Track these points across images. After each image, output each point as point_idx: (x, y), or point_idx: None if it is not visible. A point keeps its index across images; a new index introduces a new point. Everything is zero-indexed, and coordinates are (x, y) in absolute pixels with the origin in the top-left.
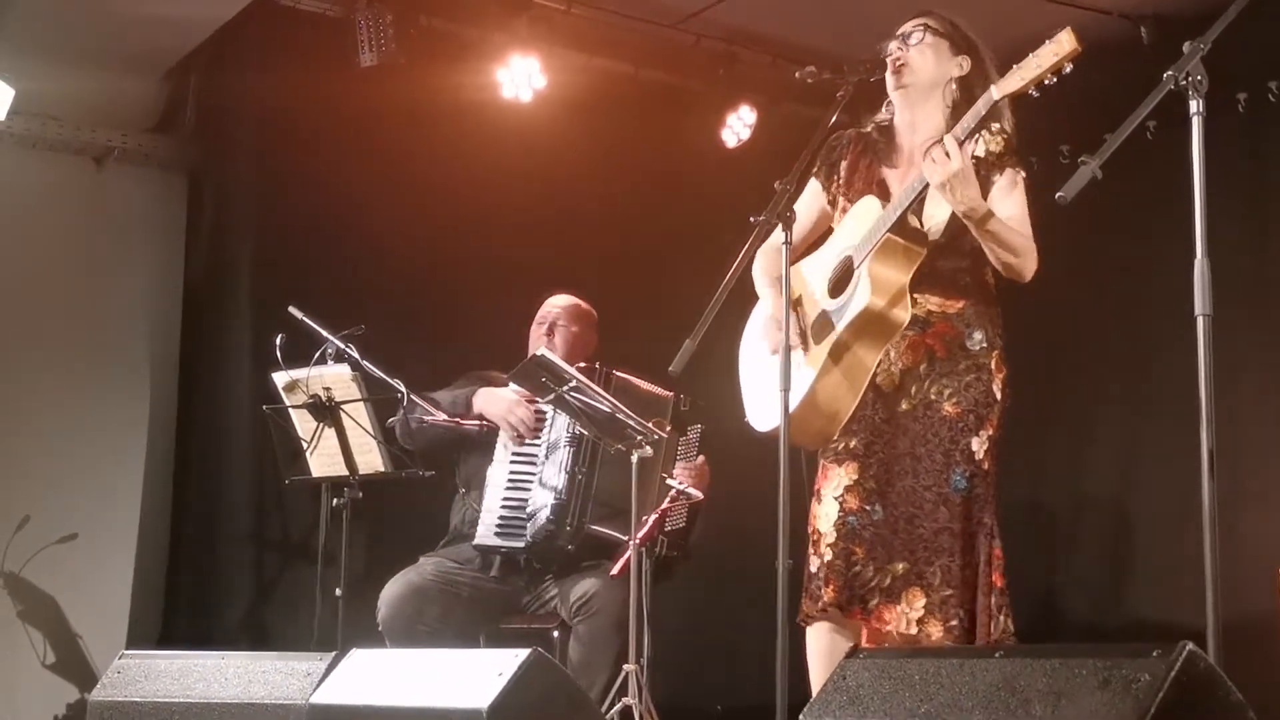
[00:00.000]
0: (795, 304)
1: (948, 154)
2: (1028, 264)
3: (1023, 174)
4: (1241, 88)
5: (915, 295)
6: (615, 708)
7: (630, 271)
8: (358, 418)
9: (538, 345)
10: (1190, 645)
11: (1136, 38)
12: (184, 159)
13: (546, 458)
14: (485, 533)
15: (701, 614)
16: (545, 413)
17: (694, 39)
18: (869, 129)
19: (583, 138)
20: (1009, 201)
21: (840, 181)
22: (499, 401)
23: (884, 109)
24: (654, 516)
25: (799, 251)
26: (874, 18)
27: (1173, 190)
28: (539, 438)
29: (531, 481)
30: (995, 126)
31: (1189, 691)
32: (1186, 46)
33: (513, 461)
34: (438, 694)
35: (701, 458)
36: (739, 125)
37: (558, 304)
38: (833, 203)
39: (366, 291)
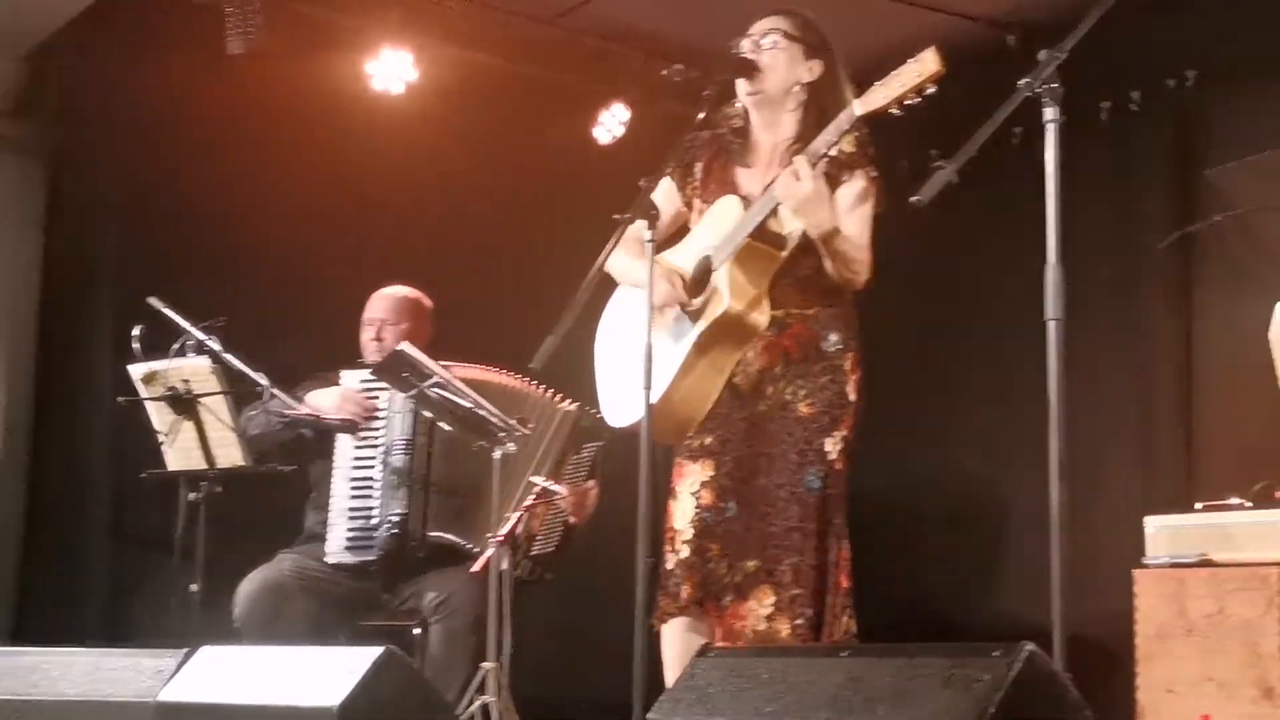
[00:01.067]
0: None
1: (798, 176)
2: (862, 277)
3: (874, 174)
4: (1105, 96)
5: (773, 296)
6: (473, 706)
7: (500, 267)
8: (217, 411)
9: (369, 349)
10: (1031, 646)
11: (1005, 44)
12: (44, 144)
13: (385, 463)
14: (336, 548)
15: (566, 611)
16: (381, 407)
17: (568, 35)
18: (724, 130)
19: (455, 132)
20: (855, 216)
21: (695, 182)
22: (327, 397)
23: (736, 107)
24: (516, 515)
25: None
26: (750, 16)
27: (1036, 196)
28: (379, 421)
29: (375, 487)
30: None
31: (1028, 691)
32: (1042, 55)
33: (354, 467)
34: (288, 692)
35: (592, 482)
36: (612, 122)
37: (381, 304)
38: (688, 204)
39: (232, 284)
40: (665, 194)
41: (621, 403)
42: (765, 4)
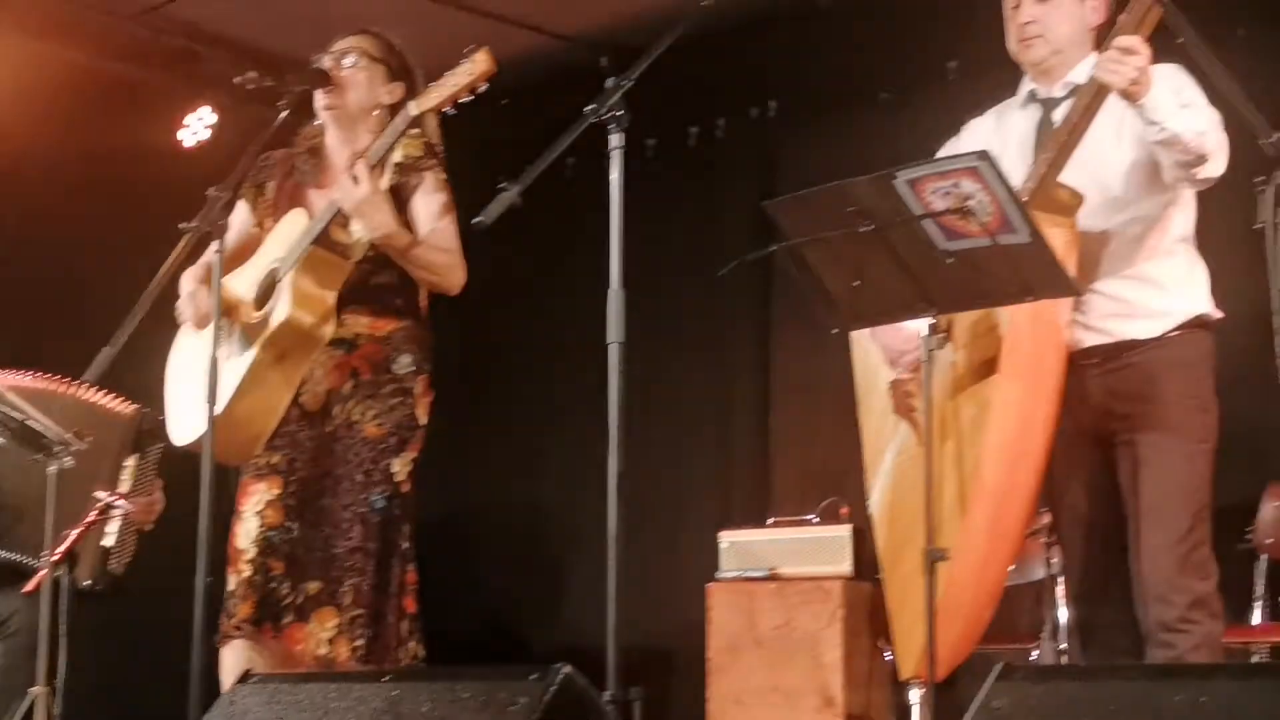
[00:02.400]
0: (225, 315)
1: (356, 179)
2: (452, 279)
3: (441, 174)
4: (694, 122)
5: (345, 316)
6: None
7: (62, 273)
8: None
9: None
10: (567, 668)
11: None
12: None
13: None
14: None
15: (126, 632)
16: None
17: (152, 33)
18: (299, 150)
19: (25, 127)
20: (434, 216)
21: (268, 202)
22: None
23: (315, 125)
24: (77, 531)
25: (228, 269)
26: (341, 24)
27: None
28: None
29: None
30: (414, 131)
31: (564, 713)
32: (609, 83)
33: None
34: None
35: (159, 483)
36: (198, 125)
37: None
38: (260, 223)
39: None
40: (239, 213)
41: (186, 420)
42: (353, 19)
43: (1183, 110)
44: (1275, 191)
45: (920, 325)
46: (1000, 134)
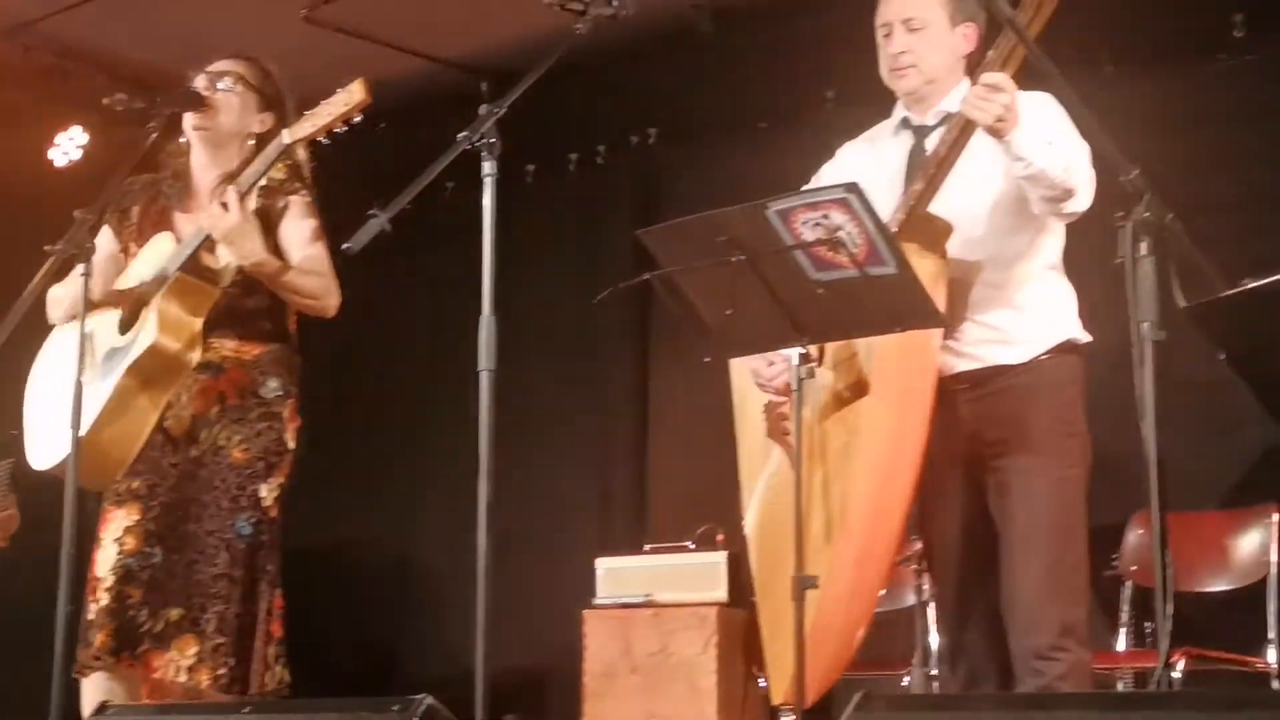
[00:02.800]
0: (88, 338)
1: (226, 206)
2: (327, 303)
3: (308, 197)
4: (574, 148)
5: (212, 339)
6: None
7: None
8: None
9: None
10: (429, 699)
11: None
12: None
13: None
14: None
15: None
16: None
17: (24, 51)
18: (164, 174)
19: None
20: (305, 241)
21: (132, 226)
22: None
23: (181, 144)
24: None
25: (95, 294)
26: (218, 45)
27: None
28: None
29: None
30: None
31: None
32: (482, 109)
33: None
34: None
35: (12, 498)
36: (69, 145)
37: None
38: (125, 250)
39: None
40: (102, 237)
41: (44, 444)
42: (231, 41)
43: (1049, 146)
44: (1134, 227)
45: (789, 351)
46: (874, 159)
